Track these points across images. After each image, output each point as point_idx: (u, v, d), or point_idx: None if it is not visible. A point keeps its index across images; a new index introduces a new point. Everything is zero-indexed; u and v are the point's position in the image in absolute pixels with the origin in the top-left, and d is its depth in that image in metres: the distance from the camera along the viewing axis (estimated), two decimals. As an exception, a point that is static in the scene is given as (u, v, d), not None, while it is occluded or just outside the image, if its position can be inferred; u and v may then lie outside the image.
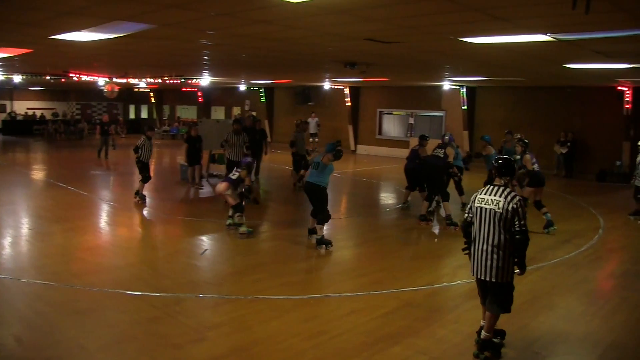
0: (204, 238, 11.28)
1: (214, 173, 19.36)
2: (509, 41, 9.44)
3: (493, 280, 5.89)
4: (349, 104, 30.24)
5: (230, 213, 11.82)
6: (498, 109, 25.02)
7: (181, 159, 19.24)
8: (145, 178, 14.27)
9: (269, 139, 20.36)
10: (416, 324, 6.97)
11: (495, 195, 5.90)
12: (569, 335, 6.76)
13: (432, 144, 14.47)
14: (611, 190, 19.08)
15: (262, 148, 18.21)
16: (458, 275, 9.17)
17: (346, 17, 7.76)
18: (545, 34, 8.58)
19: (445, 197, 12.61)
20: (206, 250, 10.30)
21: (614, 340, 6.65)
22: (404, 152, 25.70)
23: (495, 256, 5.84)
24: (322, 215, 10.57)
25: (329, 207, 10.81)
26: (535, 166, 12.04)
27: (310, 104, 31.16)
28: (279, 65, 17.16)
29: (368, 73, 16.76)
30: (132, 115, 46.93)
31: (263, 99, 35.12)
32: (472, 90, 25.52)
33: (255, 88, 34.69)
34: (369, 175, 21.26)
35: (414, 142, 15.75)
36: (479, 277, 6.01)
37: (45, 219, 12.54)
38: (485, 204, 5.92)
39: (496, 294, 5.98)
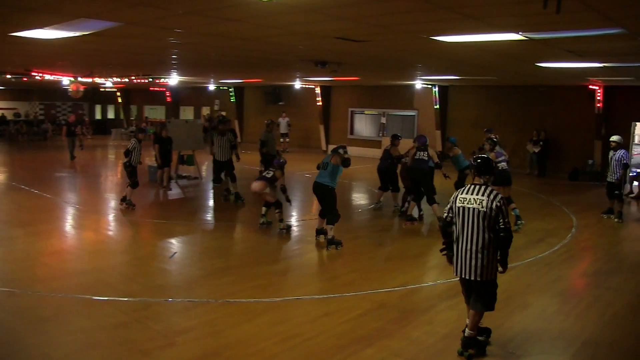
0: (173, 241, 11.18)
1: (183, 174, 19.21)
2: (480, 40, 9.51)
3: (478, 279, 5.95)
4: (320, 103, 30.28)
5: (263, 212, 12.17)
6: (470, 108, 25.26)
7: (150, 160, 19.05)
8: (135, 183, 13.87)
9: (238, 139, 20.25)
10: (390, 325, 6.97)
11: (477, 195, 5.95)
12: (543, 334, 6.83)
13: (404, 144, 14.54)
14: (584, 189, 19.37)
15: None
16: (432, 276, 9.22)
17: (316, 15, 7.74)
18: (517, 32, 8.67)
19: (433, 200, 12.66)
20: (175, 253, 10.20)
21: (587, 338, 6.73)
22: (376, 152, 25.83)
23: (480, 255, 5.90)
24: (331, 216, 10.72)
25: (297, 206, 10.81)
26: (503, 165, 12.19)
27: (280, 103, 31.11)
28: (249, 65, 17.09)
29: (339, 72, 16.80)
30: (98, 116, 46.39)
31: (233, 99, 34.97)
32: (444, 89, 25.72)
33: (224, 87, 34.53)
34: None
35: (386, 141, 15.80)
36: (463, 276, 6.06)
37: (7, 223, 12.31)
38: (468, 204, 5.97)
39: (480, 293, 6.05)
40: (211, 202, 15.87)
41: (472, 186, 6.07)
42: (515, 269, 9.45)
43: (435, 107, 25.78)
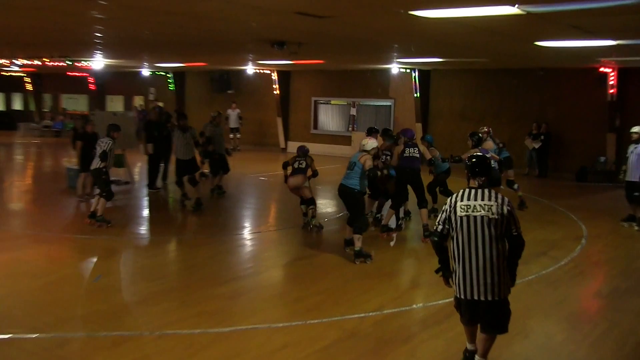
0: (98, 260, 11.02)
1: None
2: (469, 15, 9.55)
3: (496, 298, 5.99)
4: (278, 92, 30.28)
5: (304, 210, 13.25)
6: (457, 96, 25.48)
7: (68, 162, 18.77)
8: (110, 194, 13.25)
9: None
10: (364, 358, 6.94)
11: (483, 200, 5.97)
12: (549, 368, 6.85)
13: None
14: (594, 191, 19.64)
15: (171, 147, 17.96)
16: (413, 298, 9.22)
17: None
18: (513, 5, 8.71)
19: (424, 204, 12.67)
20: (100, 276, 10.04)
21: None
22: (345, 150, 25.85)
23: (495, 270, 5.94)
24: (359, 224, 10.86)
25: (251, 216, 10.72)
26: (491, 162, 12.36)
27: (229, 92, 30.98)
28: (191, 46, 16.98)
29: (300, 55, 16.75)
30: (1, 107, 45.56)
31: (172, 87, 34.80)
32: (425, 75, 25.89)
33: (162, 73, 34.33)
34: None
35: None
36: (476, 298, 6.04)
37: None
38: (473, 211, 5.97)
39: (496, 313, 6.09)
40: (146, 212, 15.68)
41: (472, 190, 6.08)
42: (512, 288, 9.47)
43: (414, 95, 25.92)
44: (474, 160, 6.25)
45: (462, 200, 6.07)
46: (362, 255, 10.80)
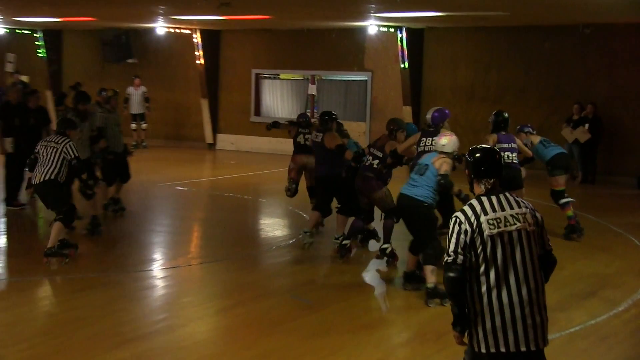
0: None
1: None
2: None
3: (546, 345, 6.00)
4: (202, 62, 30.31)
5: (290, 193, 15.39)
6: (463, 66, 25.68)
7: None
8: (70, 214, 13.09)
9: (52, 125, 19.95)
10: None
11: (512, 208, 5.99)
12: None
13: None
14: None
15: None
16: (403, 361, 9.19)
17: None
18: None
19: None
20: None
21: None
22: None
23: (542, 305, 5.96)
24: (431, 250, 10.76)
25: (167, 242, 10.62)
26: (509, 155, 12.51)
27: (130, 61, 30.87)
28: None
29: (235, 6, 16.71)
30: None
31: (42, 53, 34.49)
32: (417, 36, 26.05)
33: (27, 31, 34.07)
34: (238, 187, 21.25)
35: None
36: (519, 349, 5.95)
37: None
38: (507, 225, 5.95)
39: None
40: (2, 240, 15.48)
41: (493, 198, 6.05)
42: (549, 343, 9.46)
43: (401, 66, 26.03)
44: (477, 155, 6.21)
45: (486, 214, 6.01)
46: (438, 295, 10.63)
